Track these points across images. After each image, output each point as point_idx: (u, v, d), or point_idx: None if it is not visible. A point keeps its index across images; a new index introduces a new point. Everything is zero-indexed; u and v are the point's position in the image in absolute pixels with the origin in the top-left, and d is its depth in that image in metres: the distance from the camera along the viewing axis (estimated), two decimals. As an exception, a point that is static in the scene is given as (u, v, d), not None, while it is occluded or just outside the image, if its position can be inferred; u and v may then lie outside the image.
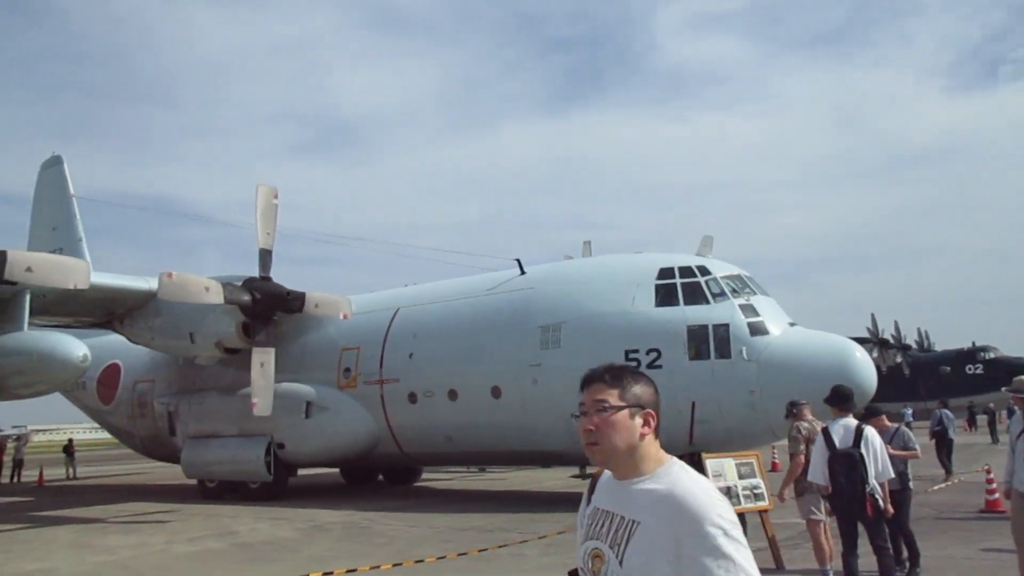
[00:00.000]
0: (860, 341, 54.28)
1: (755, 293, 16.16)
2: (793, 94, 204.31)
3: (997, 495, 13.98)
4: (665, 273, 16.35)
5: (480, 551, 11.34)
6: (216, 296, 16.00)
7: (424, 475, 24.85)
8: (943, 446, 22.42)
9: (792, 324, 15.98)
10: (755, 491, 9.73)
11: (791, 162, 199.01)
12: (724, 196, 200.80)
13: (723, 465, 9.78)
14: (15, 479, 31.19)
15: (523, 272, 18.12)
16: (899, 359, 54.17)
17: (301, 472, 25.61)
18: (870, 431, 7.72)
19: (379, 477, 24.19)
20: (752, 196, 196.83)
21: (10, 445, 33.37)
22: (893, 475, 7.81)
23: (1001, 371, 53.10)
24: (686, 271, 16.28)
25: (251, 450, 19.76)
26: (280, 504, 18.79)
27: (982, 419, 45.07)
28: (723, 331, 15.48)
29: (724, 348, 15.38)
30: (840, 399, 8.04)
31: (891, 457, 8.03)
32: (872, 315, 54.62)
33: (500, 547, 11.74)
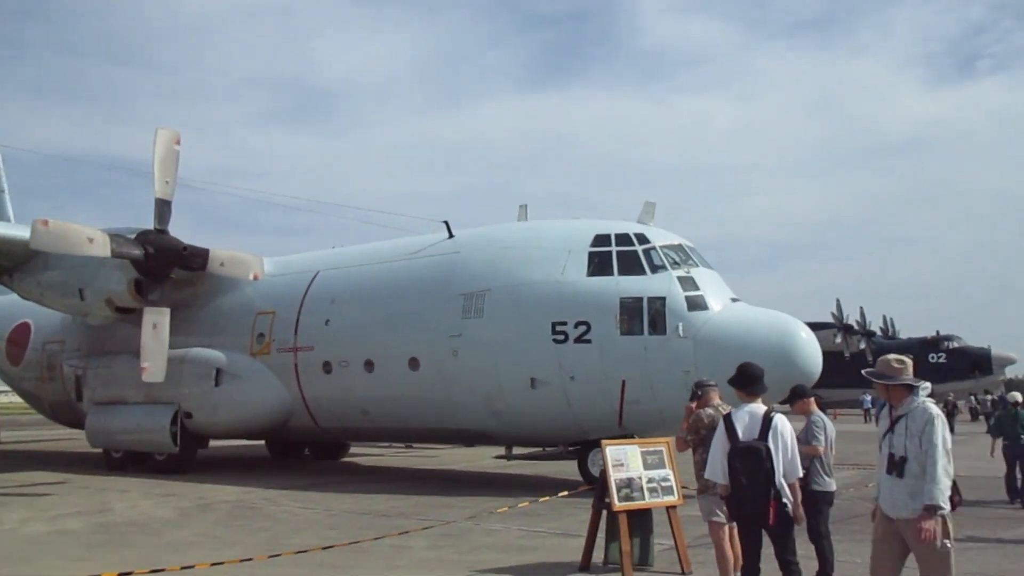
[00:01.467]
0: (824, 326, 53.75)
1: (696, 265, 14.84)
2: (773, 79, 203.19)
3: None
4: (600, 240, 14.99)
5: (355, 543, 9.97)
6: (101, 248, 14.44)
7: (354, 450, 23.51)
8: None
9: (735, 300, 14.69)
10: (663, 484, 8.40)
11: (768, 147, 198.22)
12: (702, 178, 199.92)
13: (625, 453, 8.42)
14: None
15: (451, 236, 16.69)
16: (863, 345, 53.38)
17: (228, 443, 24.28)
18: (780, 420, 6.32)
19: (305, 451, 22.87)
20: (728, 179, 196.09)
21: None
22: (800, 474, 6.46)
23: (964, 361, 52.58)
24: (623, 239, 14.92)
25: (156, 419, 18.26)
26: (183, 478, 17.35)
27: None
28: (659, 304, 14.15)
29: (659, 323, 14.06)
30: (745, 380, 6.64)
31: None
32: (837, 300, 53.74)
33: (379, 538, 10.37)
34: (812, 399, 8.06)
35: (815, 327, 54.76)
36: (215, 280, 18.68)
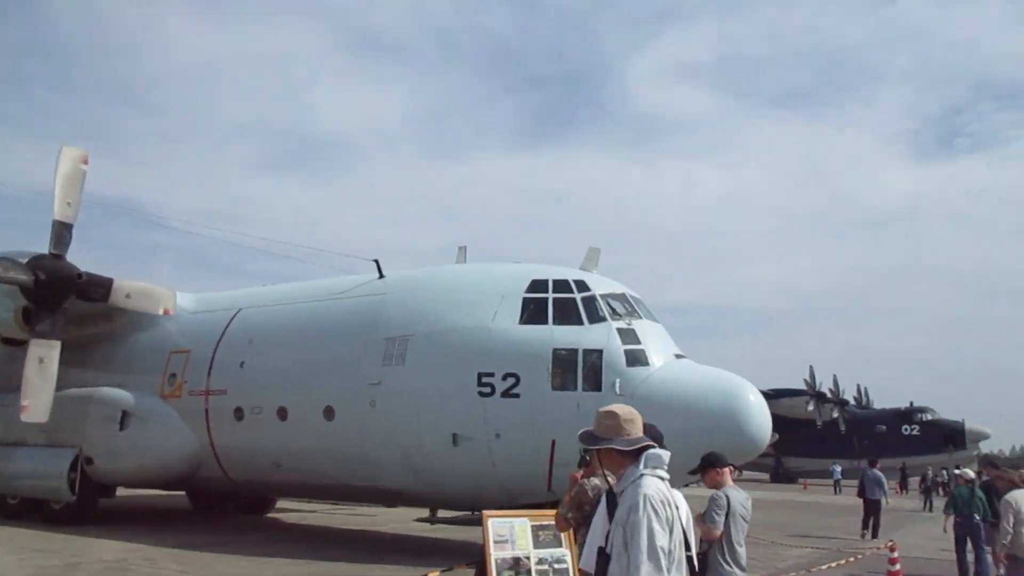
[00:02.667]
0: (796, 393, 52.47)
1: (639, 317, 13.57)
2: (759, 148, 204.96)
3: (901, 579, 11.45)
4: (537, 286, 13.70)
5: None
6: (-19, 272, 13.09)
7: (282, 505, 21.82)
8: (868, 509, 20.25)
9: (679, 356, 13.40)
10: (556, 566, 7.01)
11: (754, 215, 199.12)
12: (689, 242, 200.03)
13: (512, 527, 7.03)
14: None
15: (381, 275, 15.38)
16: (835, 414, 52.10)
17: (150, 493, 22.51)
18: (679, 494, 4.98)
19: (230, 505, 21.17)
20: (714, 245, 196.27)
21: None
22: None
23: (937, 433, 51.32)
24: (561, 285, 13.64)
25: (54, 464, 16.63)
26: (75, 530, 15.68)
27: (915, 481, 43.03)
28: (595, 357, 12.83)
29: (595, 378, 12.73)
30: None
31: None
32: (810, 367, 52.54)
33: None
34: (727, 470, 6.74)
35: (786, 393, 53.96)
36: (134, 315, 17.27)
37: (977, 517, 12.79)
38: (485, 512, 7.22)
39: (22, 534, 15.13)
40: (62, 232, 14.03)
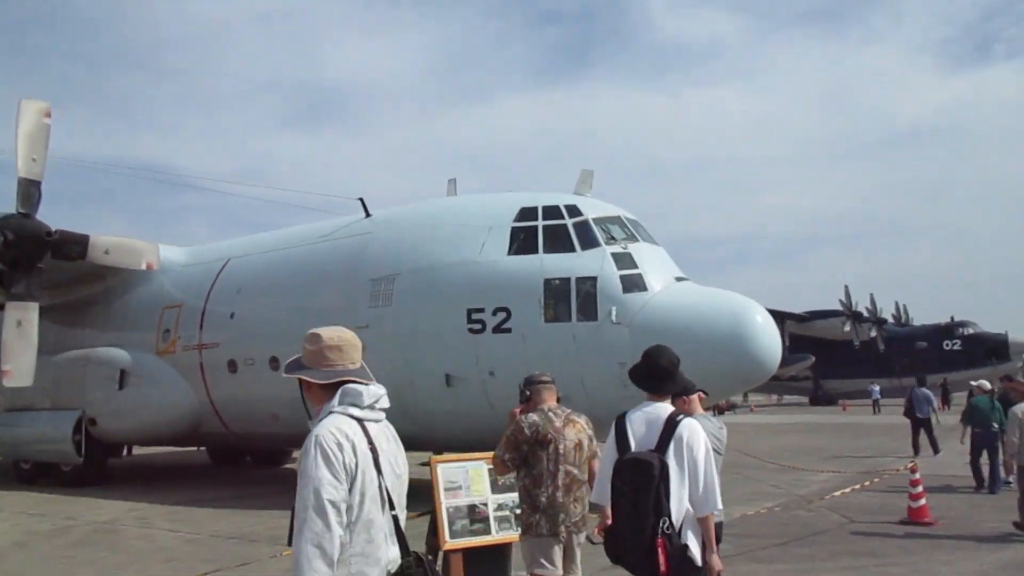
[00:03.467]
0: (831, 314, 51.16)
1: (636, 239, 12.72)
2: (784, 71, 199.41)
3: (923, 500, 10.70)
4: (526, 214, 12.89)
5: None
6: (-52, 235, 12.61)
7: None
8: (917, 426, 19.53)
9: (681, 279, 12.57)
10: (519, 511, 6.36)
11: (781, 139, 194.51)
12: (714, 172, 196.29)
13: (466, 471, 6.37)
14: None
15: (368, 215, 14.66)
16: (873, 333, 50.82)
17: (170, 449, 22.39)
18: (688, 427, 4.31)
19: (247, 458, 20.97)
20: (741, 173, 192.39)
21: None
22: (720, 507, 4.40)
23: (979, 347, 49.88)
24: (551, 212, 12.81)
25: (59, 427, 16.38)
26: (81, 492, 15.48)
27: (959, 397, 41.88)
28: (589, 286, 12.05)
29: (589, 307, 11.96)
30: (646, 372, 4.57)
31: None
32: (845, 287, 51.11)
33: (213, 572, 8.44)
34: (694, 397, 5.93)
35: (821, 315, 52.60)
36: (126, 273, 16.83)
37: (995, 427, 12.84)
38: (433, 457, 6.56)
39: (26, 498, 14.93)
40: (29, 189, 13.46)
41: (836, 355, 50.62)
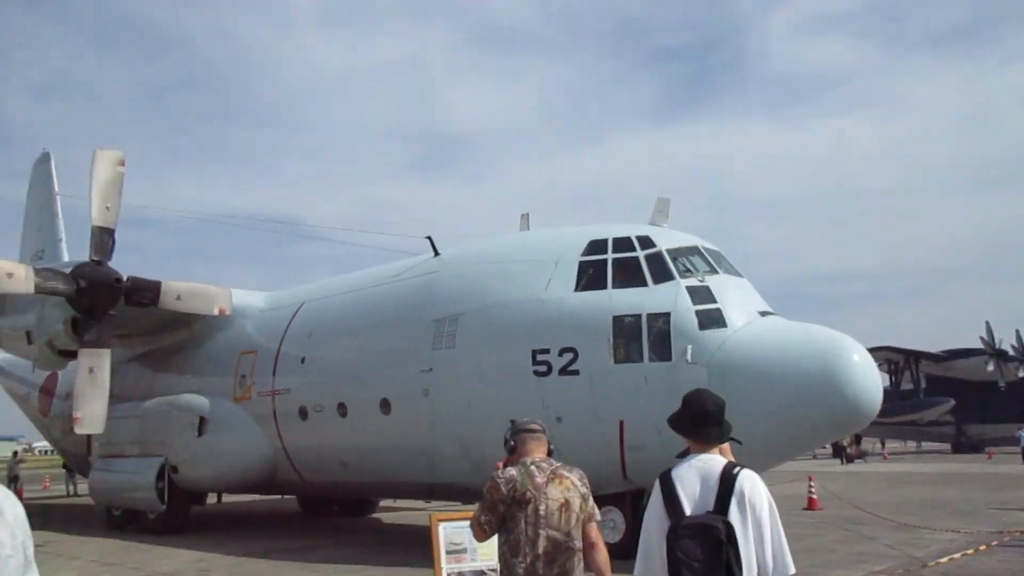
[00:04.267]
0: (971, 353, 47.41)
1: (716, 272, 11.67)
2: (916, 95, 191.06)
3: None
4: (595, 247, 12.05)
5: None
6: (23, 283, 12.77)
7: (387, 504, 21.04)
8: None
9: (765, 313, 11.41)
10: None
11: (914, 168, 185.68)
12: (843, 204, 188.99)
13: (470, 532, 5.56)
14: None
15: (437, 253, 14.16)
16: (1021, 373, 46.77)
17: (262, 498, 22.34)
18: (749, 481, 3.68)
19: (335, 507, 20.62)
20: (872, 204, 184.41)
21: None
22: (793, 570, 3.64)
23: None
24: (622, 244, 11.92)
25: (143, 474, 16.45)
26: (162, 540, 15.40)
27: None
28: (662, 323, 11.07)
29: (662, 346, 10.97)
30: (690, 417, 3.96)
31: None
32: (987, 323, 47.26)
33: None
34: (728, 445, 4.93)
35: (961, 354, 48.84)
36: (210, 319, 16.93)
37: None
38: (434, 515, 5.79)
39: (107, 546, 14.94)
40: (102, 237, 13.61)
41: (979, 397, 46.90)
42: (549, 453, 4.78)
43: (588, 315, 11.41)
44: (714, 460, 3.81)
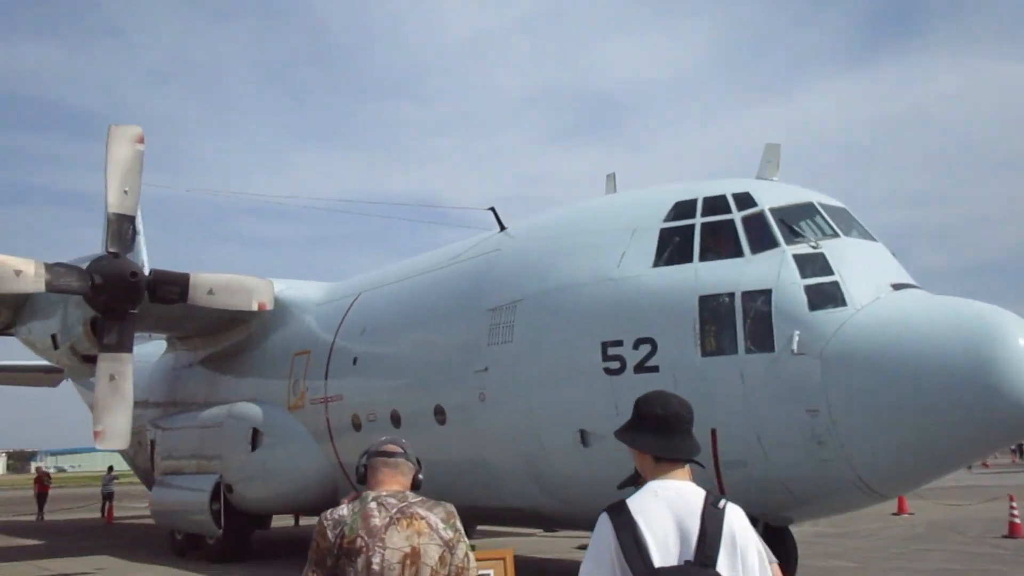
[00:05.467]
0: None
1: (836, 234, 10.13)
2: None
3: None
4: (681, 210, 10.68)
5: None
6: (32, 281, 12.57)
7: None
8: None
9: (901, 286, 9.80)
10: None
11: None
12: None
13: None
14: (103, 514, 30.52)
15: (502, 228, 13.20)
16: None
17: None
18: (739, 518, 3.11)
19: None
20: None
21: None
22: None
23: None
24: (714, 205, 10.47)
25: (197, 493, 16.31)
26: (221, 569, 15.24)
27: None
28: (762, 303, 9.61)
29: (762, 333, 9.49)
30: (650, 427, 3.31)
31: None
32: None
33: None
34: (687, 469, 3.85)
35: None
36: (266, 316, 16.70)
37: None
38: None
39: (160, 575, 14.98)
40: (121, 226, 13.33)
41: None
42: (415, 486, 3.88)
43: (668, 296, 10.10)
44: (687, 488, 3.13)
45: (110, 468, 32.89)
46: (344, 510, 3.60)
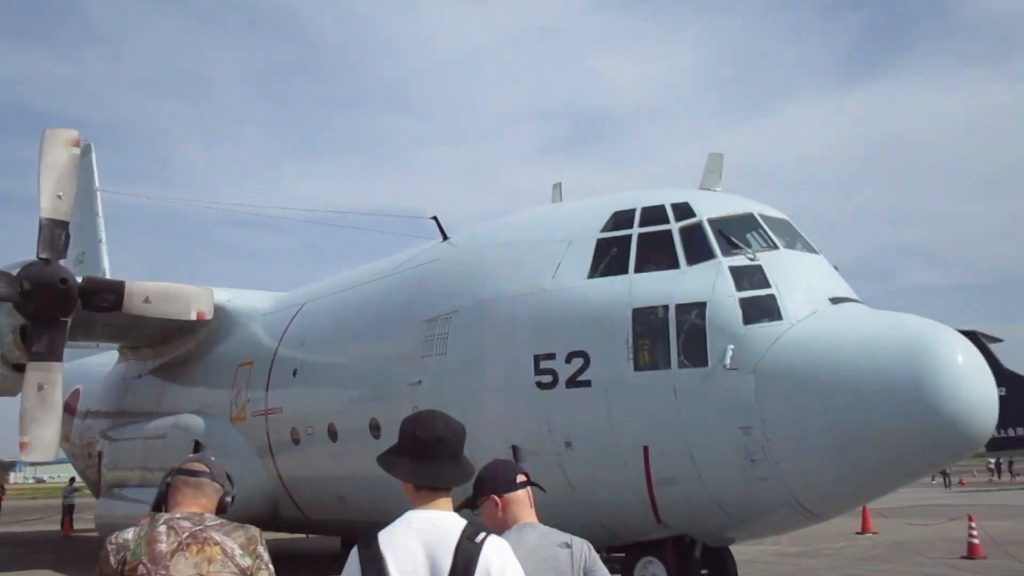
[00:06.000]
0: None
1: (775, 247, 9.83)
2: None
3: None
4: (619, 221, 10.36)
5: None
6: (-48, 289, 12.25)
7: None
8: None
9: (839, 300, 9.49)
10: None
11: None
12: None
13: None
14: (62, 527, 29.87)
15: (445, 237, 12.86)
16: None
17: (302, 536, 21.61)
18: (498, 554, 2.79)
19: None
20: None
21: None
22: None
23: None
24: (652, 215, 10.16)
25: (140, 507, 15.97)
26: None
27: None
28: (696, 316, 9.32)
29: (696, 347, 9.17)
30: (415, 452, 2.97)
31: None
32: None
33: None
34: (522, 495, 3.59)
35: None
36: (215, 325, 16.31)
37: None
38: None
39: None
40: (53, 231, 12.91)
41: None
42: (221, 508, 3.54)
43: (602, 308, 9.75)
44: (445, 519, 2.86)
45: (71, 480, 32.19)
46: (129, 533, 3.30)
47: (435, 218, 12.78)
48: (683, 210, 10.05)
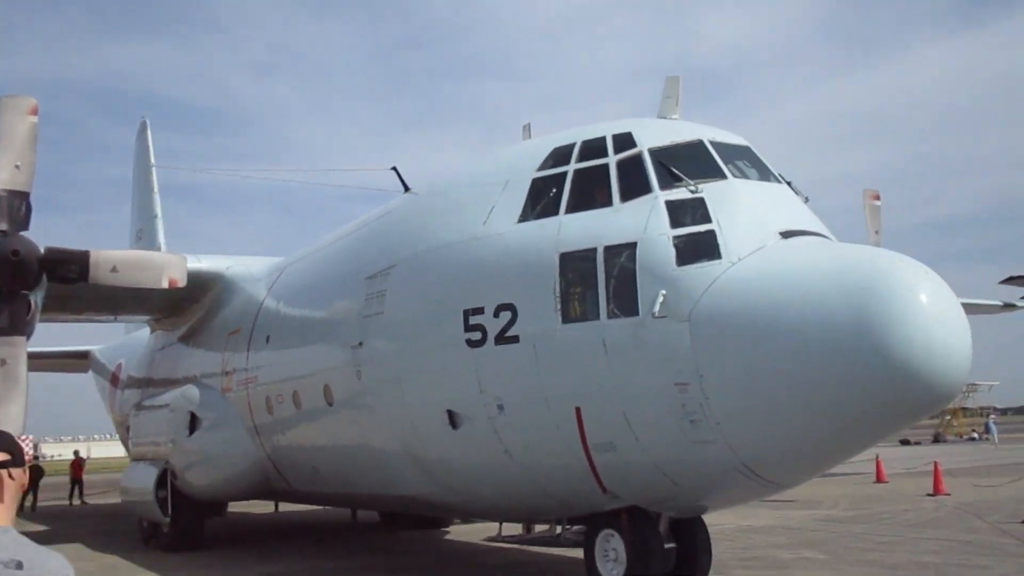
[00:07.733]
0: None
1: (721, 176, 8.51)
2: None
3: None
4: (558, 157, 9.21)
5: None
6: (-87, 260, 11.99)
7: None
8: None
9: (790, 233, 8.14)
10: None
11: None
12: None
13: None
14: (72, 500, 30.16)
15: (407, 189, 11.90)
16: None
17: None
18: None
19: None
20: None
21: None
22: None
23: None
24: (591, 148, 8.98)
25: (143, 480, 15.62)
26: (172, 558, 14.49)
27: None
28: (626, 258, 8.15)
29: (625, 294, 8.04)
30: None
31: None
32: None
33: None
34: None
35: None
36: (218, 295, 15.89)
37: None
38: None
39: (111, 565, 14.32)
40: (12, 202, 12.57)
41: None
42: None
43: (528, 255, 8.67)
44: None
45: (75, 453, 32.78)
46: None
47: (395, 168, 11.83)
48: (624, 141, 8.87)
